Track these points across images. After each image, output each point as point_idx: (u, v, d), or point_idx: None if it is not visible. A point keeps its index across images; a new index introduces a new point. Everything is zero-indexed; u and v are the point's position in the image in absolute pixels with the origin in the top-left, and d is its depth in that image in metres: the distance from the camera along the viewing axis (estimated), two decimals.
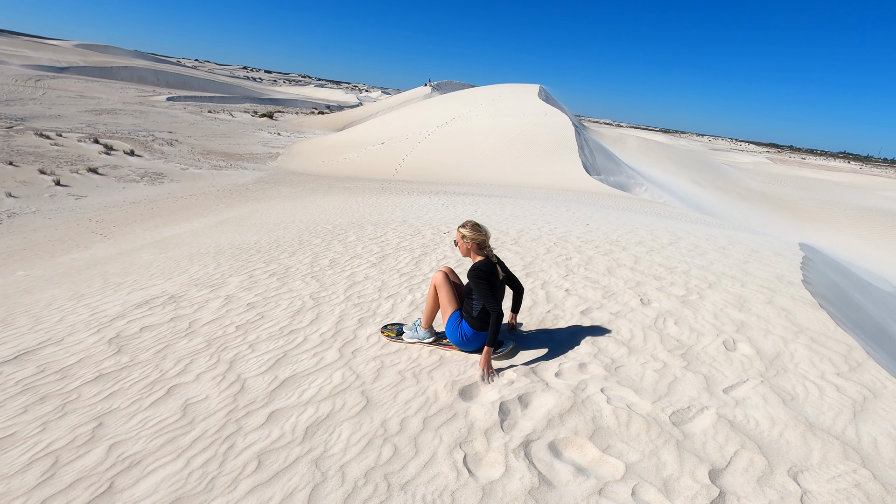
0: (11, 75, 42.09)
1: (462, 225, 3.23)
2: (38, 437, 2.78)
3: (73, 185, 16.47)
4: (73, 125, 26.21)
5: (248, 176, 22.29)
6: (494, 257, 3.25)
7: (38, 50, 62.21)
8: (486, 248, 3.23)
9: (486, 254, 3.20)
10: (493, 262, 3.17)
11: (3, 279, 8.99)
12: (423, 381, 3.17)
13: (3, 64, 47.49)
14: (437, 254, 6.88)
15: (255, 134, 35.69)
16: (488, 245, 3.24)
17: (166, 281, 6.64)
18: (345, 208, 13.28)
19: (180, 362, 3.69)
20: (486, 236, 3.19)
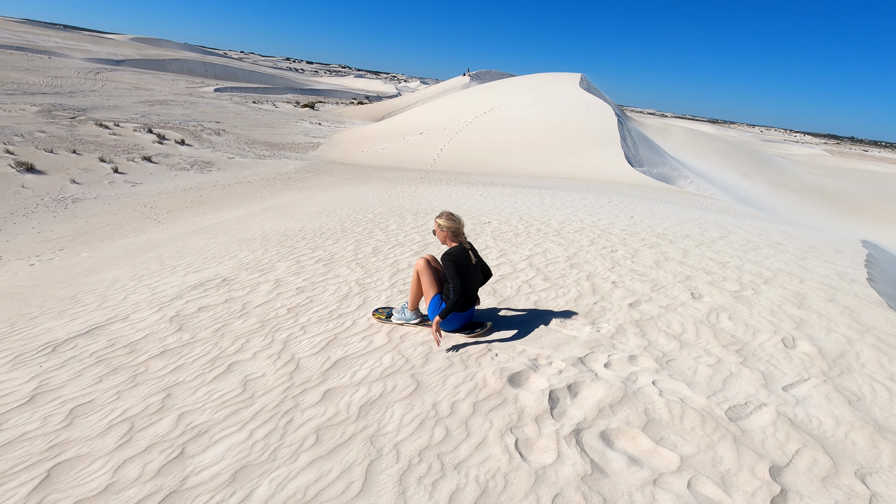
0: (74, 68, 44.57)
1: (439, 215, 3.46)
2: (113, 405, 2.99)
3: (129, 172, 17.36)
4: (129, 115, 27.54)
5: (290, 165, 22.87)
6: (468, 244, 3.48)
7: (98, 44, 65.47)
8: (460, 235, 3.47)
9: (460, 241, 3.46)
10: (465, 248, 3.41)
11: (69, 260, 9.62)
12: (471, 367, 3.21)
13: (67, 58, 50.33)
14: (478, 244, 6.89)
15: (297, 124, 36.51)
16: (462, 233, 3.48)
17: (218, 265, 6.94)
18: (384, 198, 13.46)
19: (237, 341, 3.88)
20: (460, 225, 3.43)
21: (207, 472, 2.30)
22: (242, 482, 2.22)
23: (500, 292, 4.71)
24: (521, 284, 4.92)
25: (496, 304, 4.40)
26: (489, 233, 7.60)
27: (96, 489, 2.22)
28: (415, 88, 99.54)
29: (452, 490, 2.13)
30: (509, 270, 5.42)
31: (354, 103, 61.89)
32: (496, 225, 8.27)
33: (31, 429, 2.78)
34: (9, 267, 9.25)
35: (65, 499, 2.17)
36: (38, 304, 5.78)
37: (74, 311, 5.49)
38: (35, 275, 8.51)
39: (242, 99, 46.53)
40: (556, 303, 4.38)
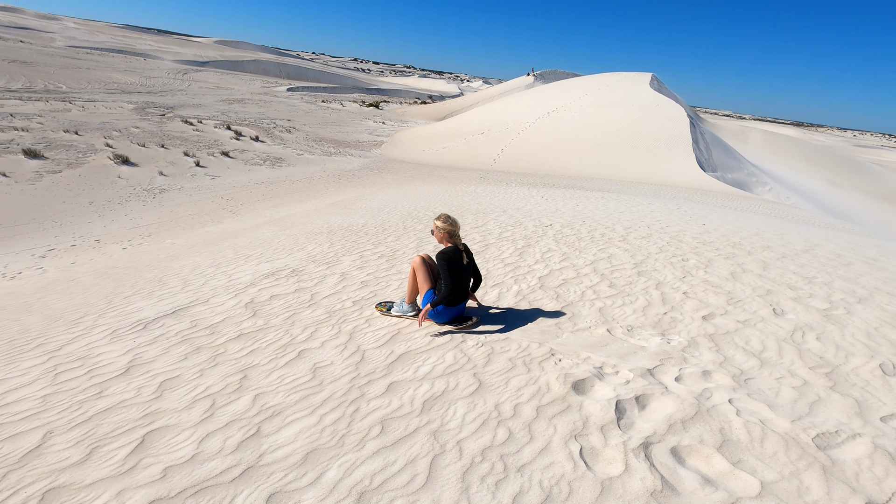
0: (165, 69, 48.43)
1: (437, 217, 3.71)
2: (197, 382, 3.23)
3: (209, 166, 18.61)
4: (211, 113, 29.53)
5: (354, 162, 23.60)
6: (462, 245, 3.73)
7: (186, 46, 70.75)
8: (455, 236, 3.70)
9: (455, 242, 3.70)
10: (459, 248, 3.68)
11: (156, 246, 10.46)
12: (534, 370, 3.18)
13: (159, 60, 54.79)
14: (540, 246, 6.80)
15: (362, 122, 37.60)
16: (457, 234, 3.71)
17: (288, 256, 7.30)
18: (444, 196, 13.57)
19: (307, 329, 4.06)
20: (456, 227, 3.68)
21: (281, 451, 2.44)
22: (313, 464, 2.33)
23: (563, 297, 4.62)
24: (584, 290, 4.81)
25: (559, 307, 4.33)
26: (551, 236, 7.48)
27: (183, 458, 2.41)
28: (477, 88, 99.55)
29: (516, 492, 2.13)
30: (572, 275, 5.31)
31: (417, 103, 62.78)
32: (558, 228, 8.12)
33: (127, 398, 3.07)
34: (106, 249, 10.19)
35: (157, 463, 2.37)
36: (131, 285, 6.33)
37: (161, 292, 5.97)
38: (127, 257, 9.34)
39: (312, 98, 48.55)
40: (623, 311, 4.24)
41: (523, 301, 4.54)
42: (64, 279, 7.92)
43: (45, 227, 11.41)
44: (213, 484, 2.22)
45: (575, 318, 4.08)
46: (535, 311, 4.28)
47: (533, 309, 4.32)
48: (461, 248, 3.67)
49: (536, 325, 3.97)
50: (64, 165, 15.37)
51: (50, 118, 20.94)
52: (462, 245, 3.72)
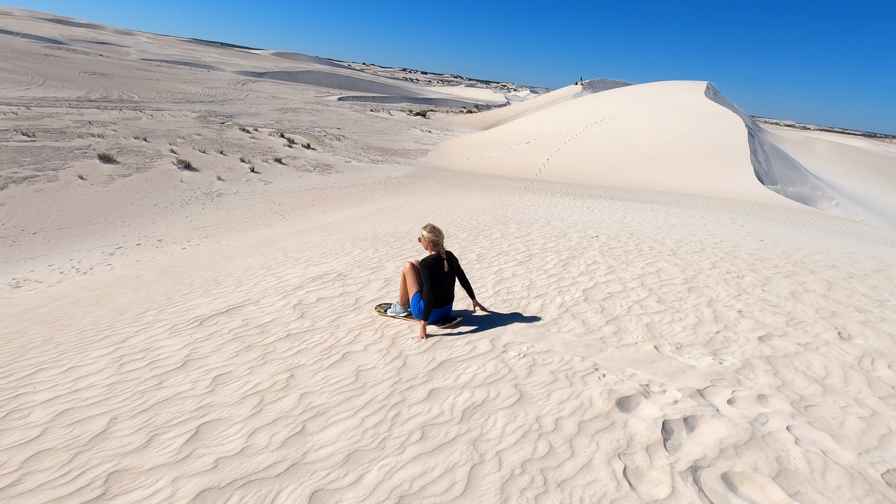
0: (226, 80, 51.19)
1: (424, 227, 4.04)
2: (247, 378, 3.37)
3: (263, 172, 19.44)
4: (266, 121, 30.90)
5: (400, 170, 24.00)
6: (445, 253, 4.02)
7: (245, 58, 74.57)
8: (438, 245, 4.00)
9: (438, 250, 3.99)
10: (441, 257, 3.97)
11: (212, 246, 11.01)
12: (577, 384, 3.11)
13: (221, 71, 57.99)
14: (585, 258, 6.67)
15: (409, 131, 38.22)
16: (441, 244, 4.01)
17: (334, 260, 7.51)
18: (488, 205, 13.55)
19: (351, 332, 4.16)
20: (440, 237, 4.00)
21: (324, 450, 2.50)
22: (355, 465, 2.38)
23: (609, 310, 4.51)
24: (631, 304, 4.67)
25: (603, 321, 4.23)
26: (597, 247, 7.32)
27: (233, 450, 2.52)
28: (524, 97, 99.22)
29: None
30: (618, 288, 5.18)
31: (463, 112, 63.18)
32: (604, 240, 7.94)
33: (183, 390, 3.24)
34: (167, 249, 10.83)
35: (209, 454, 2.49)
36: (189, 283, 6.69)
37: (216, 291, 6.27)
38: (186, 257, 9.89)
39: (361, 107, 49.87)
40: (672, 328, 4.09)
41: (566, 313, 4.46)
42: (130, 275, 8.47)
43: (114, 227, 12.25)
44: (260, 477, 2.31)
45: (621, 333, 3.97)
46: (579, 324, 4.19)
47: (576, 322, 4.24)
48: (443, 256, 3.98)
49: (579, 338, 3.89)
50: (133, 170, 16.48)
51: (123, 125, 22.54)
52: (445, 253, 4.02)
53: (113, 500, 2.20)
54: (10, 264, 9.52)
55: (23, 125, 19.57)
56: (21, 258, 9.85)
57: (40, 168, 14.87)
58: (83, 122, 22.08)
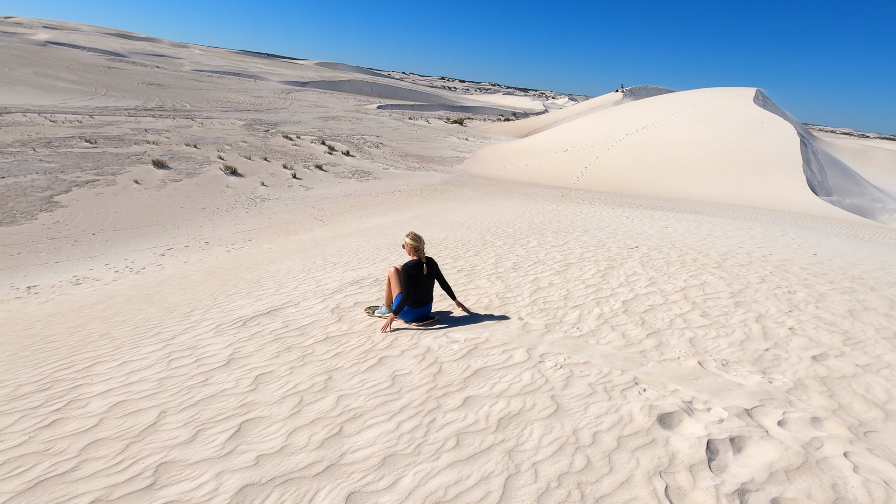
0: (271, 89, 53.15)
1: (406, 234, 4.41)
2: (287, 378, 3.46)
3: (304, 178, 20.01)
4: (308, 129, 31.83)
5: (436, 177, 24.19)
6: (424, 258, 4.36)
7: (290, 68, 77.24)
8: (419, 251, 4.36)
9: (419, 255, 4.34)
10: (421, 261, 4.31)
11: (254, 249, 11.40)
12: (616, 398, 3.04)
13: (267, 81, 60.28)
14: (624, 269, 6.52)
15: (446, 139, 38.51)
16: (422, 249, 4.36)
17: (371, 265, 7.63)
18: (524, 214, 13.46)
19: (387, 338, 4.20)
20: (420, 244, 4.36)
21: (361, 452, 2.54)
22: (390, 469, 2.40)
23: (650, 323, 4.39)
24: (673, 318, 4.53)
25: (644, 334, 4.12)
26: (637, 258, 7.14)
27: (274, 448, 2.59)
28: (563, 105, 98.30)
29: None
30: (660, 301, 5.03)
31: (501, 119, 63.21)
32: (645, 251, 7.73)
33: (227, 387, 3.36)
34: (213, 251, 11.28)
35: (251, 451, 2.57)
36: (233, 285, 6.94)
37: (258, 293, 6.49)
38: (230, 259, 10.27)
39: (400, 115, 50.64)
40: (717, 343, 3.93)
41: (605, 325, 4.37)
42: (178, 276, 8.87)
43: (165, 229, 12.88)
44: (299, 476, 2.36)
45: (662, 347, 3.85)
46: (618, 336, 4.10)
47: (615, 334, 4.15)
48: (423, 261, 4.32)
49: (619, 351, 3.80)
50: (184, 175, 17.29)
51: (175, 133, 23.72)
52: (424, 258, 4.36)
53: (161, 491, 2.30)
54: (71, 262, 10.14)
55: (86, 133, 20.89)
56: (81, 257, 10.48)
57: (100, 173, 15.83)
58: (140, 129, 23.36)
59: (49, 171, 15.25)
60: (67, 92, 33.41)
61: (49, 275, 9.36)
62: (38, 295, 8.22)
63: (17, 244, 10.55)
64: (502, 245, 8.57)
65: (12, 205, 12.39)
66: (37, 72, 37.84)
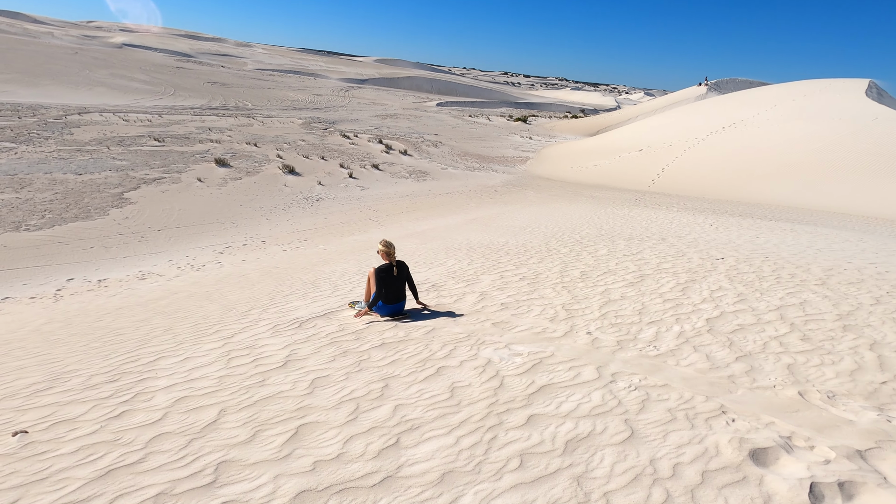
0: (330, 87, 55.36)
1: (380, 241, 5.23)
2: (343, 384, 3.57)
3: (360, 177, 20.62)
4: (366, 127, 32.81)
5: (497, 178, 24.14)
6: (395, 261, 5.13)
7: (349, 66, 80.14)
8: (390, 255, 5.14)
9: (390, 259, 5.12)
10: (392, 264, 5.09)
11: (310, 250, 11.87)
12: (699, 427, 2.88)
13: (326, 78, 62.88)
14: (708, 282, 6.19)
15: (508, 137, 38.36)
16: (392, 254, 5.15)
17: (428, 269, 7.72)
18: (593, 218, 13.15)
19: (445, 346, 4.23)
20: (391, 249, 5.15)
21: (418, 466, 2.56)
22: (449, 486, 2.40)
23: (739, 345, 4.13)
24: (767, 340, 4.24)
25: (732, 357, 3.88)
26: (722, 271, 6.75)
27: (330, 455, 2.67)
28: (637, 101, 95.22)
29: None
30: (751, 321, 4.72)
31: (568, 117, 62.20)
32: (732, 263, 7.30)
33: (284, 389, 3.51)
34: (269, 250, 11.86)
35: (307, 456, 2.67)
36: (289, 285, 7.25)
37: (314, 294, 6.75)
38: (287, 259, 10.76)
39: (460, 113, 51.06)
40: (821, 372, 3.63)
41: (686, 345, 4.16)
42: (236, 274, 9.40)
43: (224, 227, 13.70)
44: (355, 486, 2.42)
45: (754, 373, 3.61)
46: (701, 357, 3.89)
47: (698, 355, 3.94)
48: (394, 264, 5.11)
49: (702, 374, 3.60)
50: (244, 173, 18.34)
51: (237, 132, 25.22)
52: (395, 261, 5.14)
53: (222, 489, 2.43)
54: (137, 258, 11.02)
55: (155, 131, 22.68)
56: (146, 253, 11.36)
57: (167, 171, 17.11)
58: (204, 128, 25.04)
59: (121, 168, 16.67)
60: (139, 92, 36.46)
61: (117, 269, 10.22)
62: (108, 288, 9.00)
63: (90, 238, 11.61)
64: (568, 252, 8.42)
65: (87, 200, 13.65)
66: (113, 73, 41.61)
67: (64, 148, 18.19)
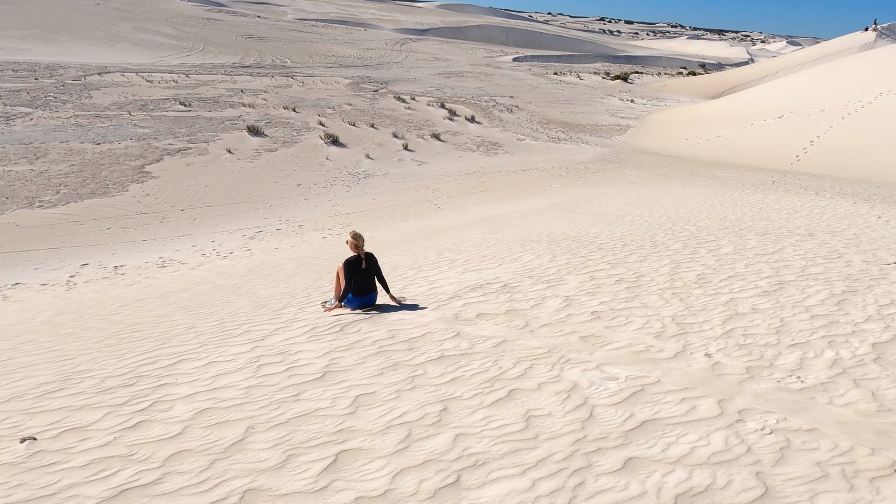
0: (383, 40, 56.37)
1: (350, 233, 6.03)
2: (392, 404, 3.61)
3: (417, 150, 20.85)
4: (425, 88, 33.12)
5: (587, 152, 23.64)
6: (364, 254, 5.91)
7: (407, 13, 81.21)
8: (359, 248, 5.89)
9: (358, 252, 5.88)
10: (360, 257, 5.87)
11: None
12: (862, 489, 2.66)
13: (379, 29, 64.11)
14: (874, 294, 5.78)
15: (603, 100, 37.46)
16: (361, 247, 5.90)
17: (498, 266, 7.69)
18: (714, 206, 12.63)
19: (519, 364, 4.18)
20: (360, 241, 5.90)
21: None
22: None
23: None
24: None
25: None
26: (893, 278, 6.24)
27: (376, 490, 2.70)
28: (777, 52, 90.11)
29: None
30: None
31: (683, 74, 60.01)
32: None
33: (322, 406, 3.60)
34: (307, 236, 12.26)
35: (348, 489, 2.71)
36: (329, 279, 7.45)
37: None
38: (327, 247, 11.08)
39: (542, 70, 50.41)
40: None
41: (843, 376, 3.88)
42: (269, 264, 9.79)
43: (256, 208, 14.30)
44: None
45: None
46: (865, 395, 3.61)
47: (860, 392, 3.66)
48: (362, 257, 5.91)
49: (867, 419, 3.34)
50: (280, 144, 19.03)
51: (273, 94, 26.21)
52: (364, 254, 5.93)
53: None
54: (158, 242, 11.73)
55: (181, 94, 24.00)
56: (168, 236, 12.07)
57: (193, 140, 18.06)
58: (236, 90, 26.21)
59: (142, 136, 17.79)
60: (165, 48, 38.73)
61: (136, 254, 10.93)
62: (125, 276, 9.64)
63: (107, 218, 12.49)
64: (681, 249, 8.13)
65: (105, 174, 14.68)
66: (137, 26, 44.48)
67: (82, 113, 19.64)
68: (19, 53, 30.46)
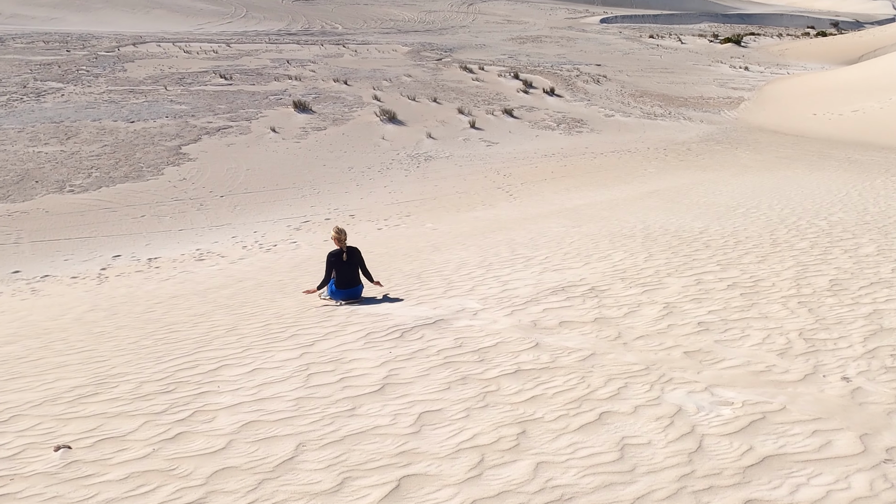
0: (448, 1, 56.54)
1: (333, 228, 7.20)
2: (462, 424, 3.62)
3: (486, 128, 20.87)
4: (496, 56, 33.10)
5: (690, 130, 23.04)
6: (346, 248, 6.97)
7: None
8: (342, 242, 6.98)
9: (341, 245, 6.96)
10: (342, 250, 6.94)
11: (414, 230, 12.31)
12: None
13: None
14: None
15: (710, 68, 36.39)
16: (343, 241, 6.99)
17: (583, 265, 7.61)
18: (850, 196, 12.11)
19: (611, 382, 4.12)
20: (342, 235, 7.00)
21: None
22: None
23: None
24: None
25: None
26: None
27: None
28: None
29: None
30: None
31: (810, 35, 57.61)
32: None
33: (381, 423, 3.65)
34: (360, 228, 12.48)
35: None
36: (386, 278, 7.57)
37: (420, 293, 6.98)
38: (382, 241, 11.26)
39: (635, 32, 49.43)
40: None
41: None
42: (316, 259, 10.03)
43: (303, 195, 14.68)
44: None
45: None
46: None
47: None
48: (344, 250, 6.94)
49: None
50: (329, 122, 19.47)
51: (322, 65, 26.82)
52: (346, 248, 6.97)
53: None
54: (195, 232, 12.24)
55: (221, 66, 24.91)
56: (206, 225, 12.57)
57: (234, 117, 18.72)
58: (281, 60, 26.99)
59: (179, 114, 18.58)
60: (204, 14, 40.33)
61: (171, 245, 11.44)
62: (160, 270, 10.11)
63: (141, 204, 13.12)
64: (808, 248, 7.86)
65: (140, 156, 15.43)
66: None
67: (115, 88, 20.71)
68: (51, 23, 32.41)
